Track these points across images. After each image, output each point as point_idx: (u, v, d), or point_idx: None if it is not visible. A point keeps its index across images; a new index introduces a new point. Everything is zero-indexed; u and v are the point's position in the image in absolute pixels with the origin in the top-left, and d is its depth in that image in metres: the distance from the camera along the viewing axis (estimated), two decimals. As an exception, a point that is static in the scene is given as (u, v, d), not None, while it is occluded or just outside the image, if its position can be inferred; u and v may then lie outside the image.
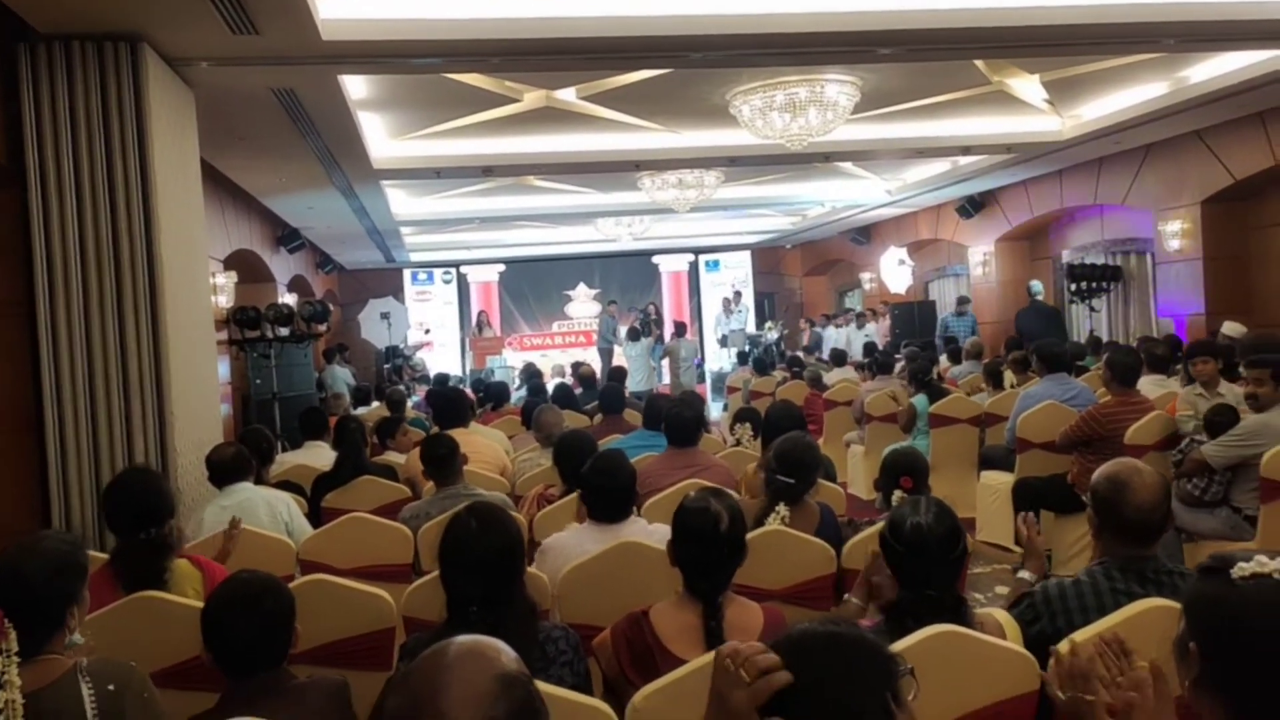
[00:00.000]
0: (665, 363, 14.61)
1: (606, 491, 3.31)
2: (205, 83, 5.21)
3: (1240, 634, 1.41)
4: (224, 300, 8.34)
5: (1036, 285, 11.49)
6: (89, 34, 4.31)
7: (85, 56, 4.32)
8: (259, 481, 4.47)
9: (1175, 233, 9.48)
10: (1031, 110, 8.47)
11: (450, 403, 5.81)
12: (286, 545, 3.88)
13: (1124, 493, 2.43)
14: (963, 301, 13.34)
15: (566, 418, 6.15)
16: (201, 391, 5.07)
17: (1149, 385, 6.06)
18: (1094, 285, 10.90)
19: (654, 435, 5.15)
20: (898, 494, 3.46)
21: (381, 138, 7.96)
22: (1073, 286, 10.98)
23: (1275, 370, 4.63)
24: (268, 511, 4.07)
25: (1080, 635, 2.20)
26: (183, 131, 5.08)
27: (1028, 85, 7.62)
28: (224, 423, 6.10)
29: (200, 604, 2.77)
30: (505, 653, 1.24)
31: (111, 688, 2.06)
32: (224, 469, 4.14)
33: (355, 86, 6.34)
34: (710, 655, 2.11)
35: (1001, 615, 2.38)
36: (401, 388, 10.81)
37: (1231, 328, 7.69)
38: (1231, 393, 5.26)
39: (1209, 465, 4.61)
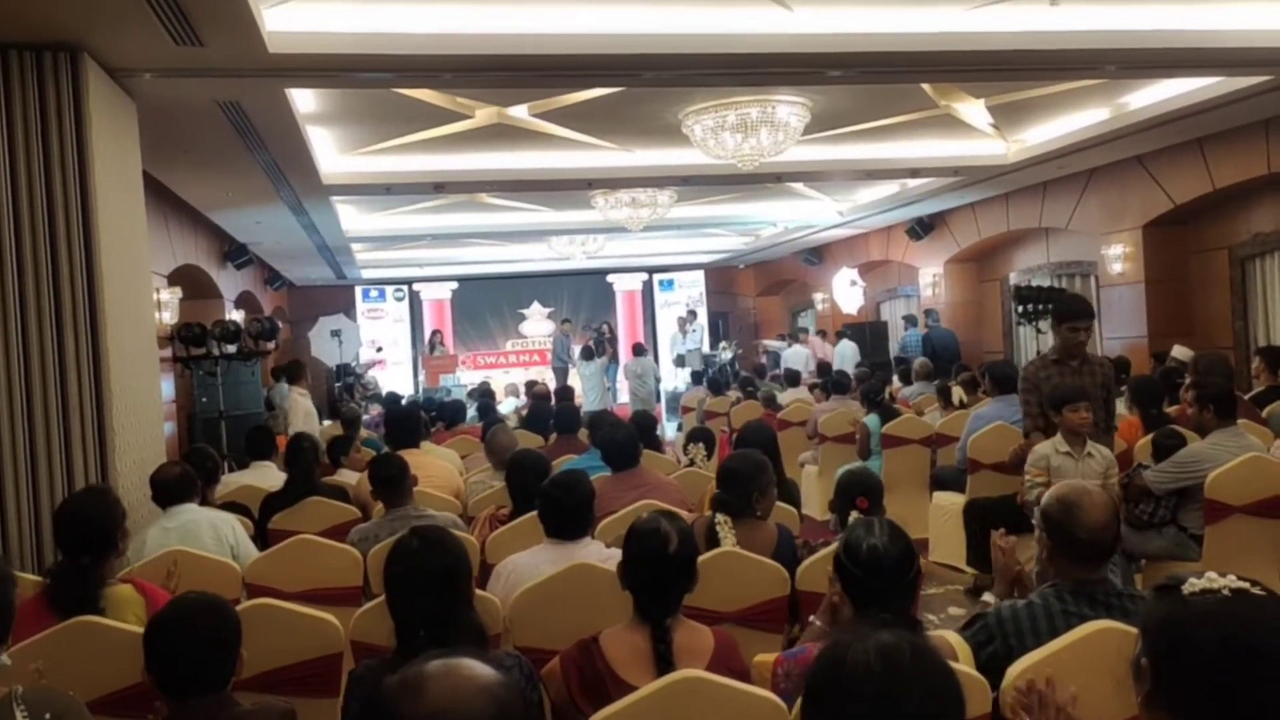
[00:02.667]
0: (624, 382, 14.54)
1: (564, 507, 3.28)
2: (148, 94, 5.11)
3: (1186, 648, 1.43)
4: (168, 317, 8.17)
5: (935, 313, 12.80)
6: (27, 43, 4.20)
7: (23, 65, 4.21)
8: (204, 502, 4.36)
9: (1118, 256, 9.68)
10: (977, 134, 8.61)
11: (402, 422, 5.69)
12: (231, 568, 3.78)
13: (1074, 513, 2.45)
14: (917, 318, 13.53)
15: (523, 438, 6.11)
16: (144, 410, 4.94)
17: (1095, 405, 6.14)
18: (1041, 307, 11.07)
19: (596, 454, 5.12)
20: (854, 514, 3.45)
21: (331, 153, 7.87)
22: (1020, 308, 11.15)
23: (1216, 398, 4.73)
24: (212, 534, 3.96)
25: (1026, 660, 2.22)
26: (124, 144, 4.97)
27: (973, 109, 7.75)
28: (168, 442, 5.95)
29: (140, 630, 2.69)
30: (482, 664, 1.25)
31: (48, 716, 1.98)
32: (168, 490, 4.02)
33: (304, 100, 6.26)
34: (663, 680, 2.10)
35: (954, 638, 2.38)
36: (355, 406, 10.66)
37: (1181, 351, 7.86)
38: (1100, 454, 4.49)
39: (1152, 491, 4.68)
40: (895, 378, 11.14)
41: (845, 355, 13.27)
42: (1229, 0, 5.58)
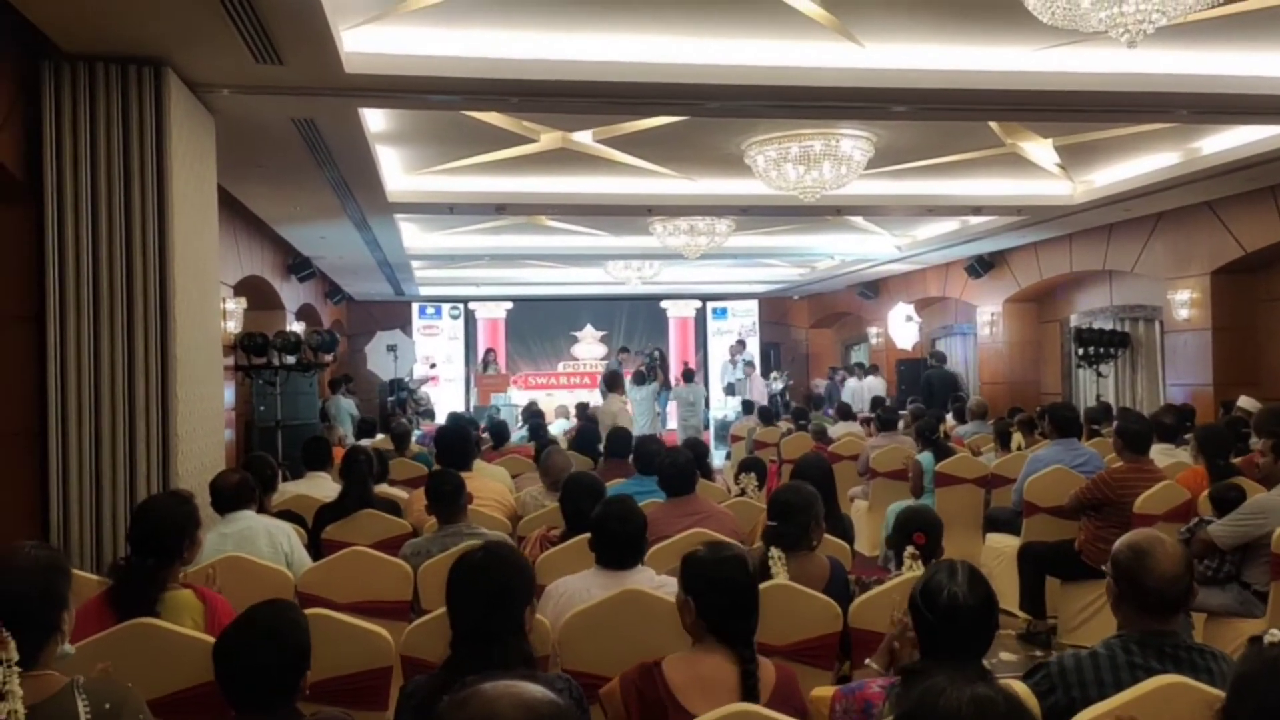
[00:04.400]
0: (672, 408, 14.52)
1: (617, 537, 3.26)
2: (226, 109, 5.25)
3: (1248, 694, 1.47)
4: (233, 326, 8.34)
5: (941, 354, 13.54)
6: (113, 56, 4.35)
7: (108, 78, 4.35)
8: (261, 510, 4.43)
9: (1184, 302, 9.49)
10: (1043, 174, 8.51)
11: (453, 443, 5.58)
12: (285, 577, 3.82)
13: (1145, 561, 2.38)
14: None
15: (575, 461, 6.10)
16: (206, 416, 5.04)
17: (1157, 454, 6.01)
18: (1102, 350, 10.90)
19: (644, 480, 5.11)
20: (910, 550, 3.40)
21: (397, 171, 8.00)
22: (1080, 351, 10.99)
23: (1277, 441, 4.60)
24: (268, 541, 4.02)
25: (1091, 713, 2.16)
26: (201, 157, 5.10)
27: (1040, 149, 7.67)
28: (227, 449, 6.06)
29: (199, 634, 2.73)
30: (534, 685, 1.28)
31: (108, 706, 2.03)
32: (227, 496, 4.09)
33: (374, 120, 6.38)
34: (716, 713, 2.08)
35: (1021, 689, 2.32)
36: (405, 421, 10.76)
37: (1247, 402, 7.67)
38: None
39: (1217, 545, 4.54)
40: (950, 416, 11.00)
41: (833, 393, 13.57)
42: (1309, 46, 5.47)
